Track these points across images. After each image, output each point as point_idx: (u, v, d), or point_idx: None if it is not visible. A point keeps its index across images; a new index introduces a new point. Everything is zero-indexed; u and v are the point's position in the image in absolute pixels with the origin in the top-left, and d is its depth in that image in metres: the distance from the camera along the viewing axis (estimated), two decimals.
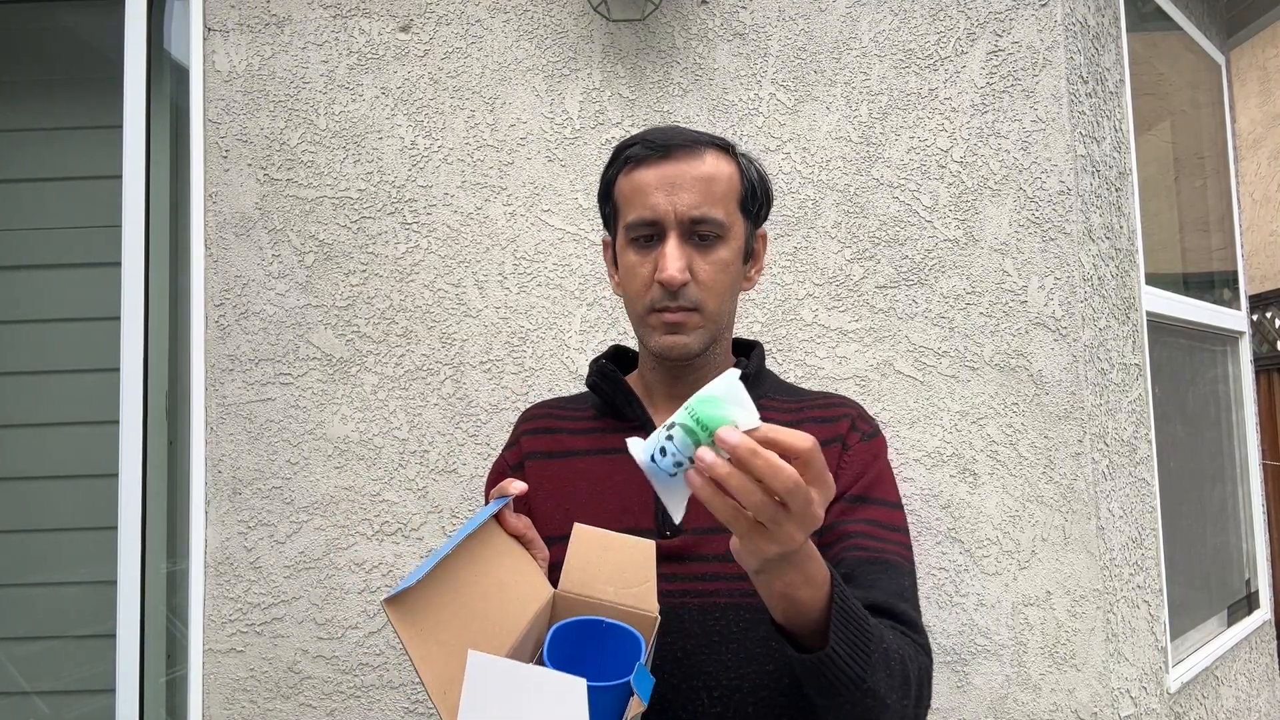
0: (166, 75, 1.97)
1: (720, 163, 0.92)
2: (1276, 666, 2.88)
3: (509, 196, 1.83)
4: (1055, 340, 1.75)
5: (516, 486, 0.81)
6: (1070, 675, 1.70)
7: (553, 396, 1.10)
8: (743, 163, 0.96)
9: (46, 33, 2.08)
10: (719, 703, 0.85)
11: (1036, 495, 1.73)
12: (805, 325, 1.78)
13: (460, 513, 1.77)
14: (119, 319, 1.85)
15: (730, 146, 0.95)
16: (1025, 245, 1.76)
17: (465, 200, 1.83)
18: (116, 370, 1.84)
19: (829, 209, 1.80)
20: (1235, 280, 2.96)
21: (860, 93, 1.81)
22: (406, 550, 1.77)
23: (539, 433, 1.02)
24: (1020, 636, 1.71)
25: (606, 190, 0.98)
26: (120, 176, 1.88)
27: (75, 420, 1.96)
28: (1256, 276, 5.52)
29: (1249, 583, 2.82)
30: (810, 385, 1.75)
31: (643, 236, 0.91)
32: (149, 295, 1.88)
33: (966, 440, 1.74)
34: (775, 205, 1.79)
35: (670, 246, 0.88)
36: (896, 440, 1.75)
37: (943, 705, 1.70)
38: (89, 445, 1.94)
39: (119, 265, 1.86)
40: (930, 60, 1.81)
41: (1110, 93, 2.05)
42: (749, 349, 1.05)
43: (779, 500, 0.59)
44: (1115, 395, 1.90)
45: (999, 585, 1.72)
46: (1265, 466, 3.09)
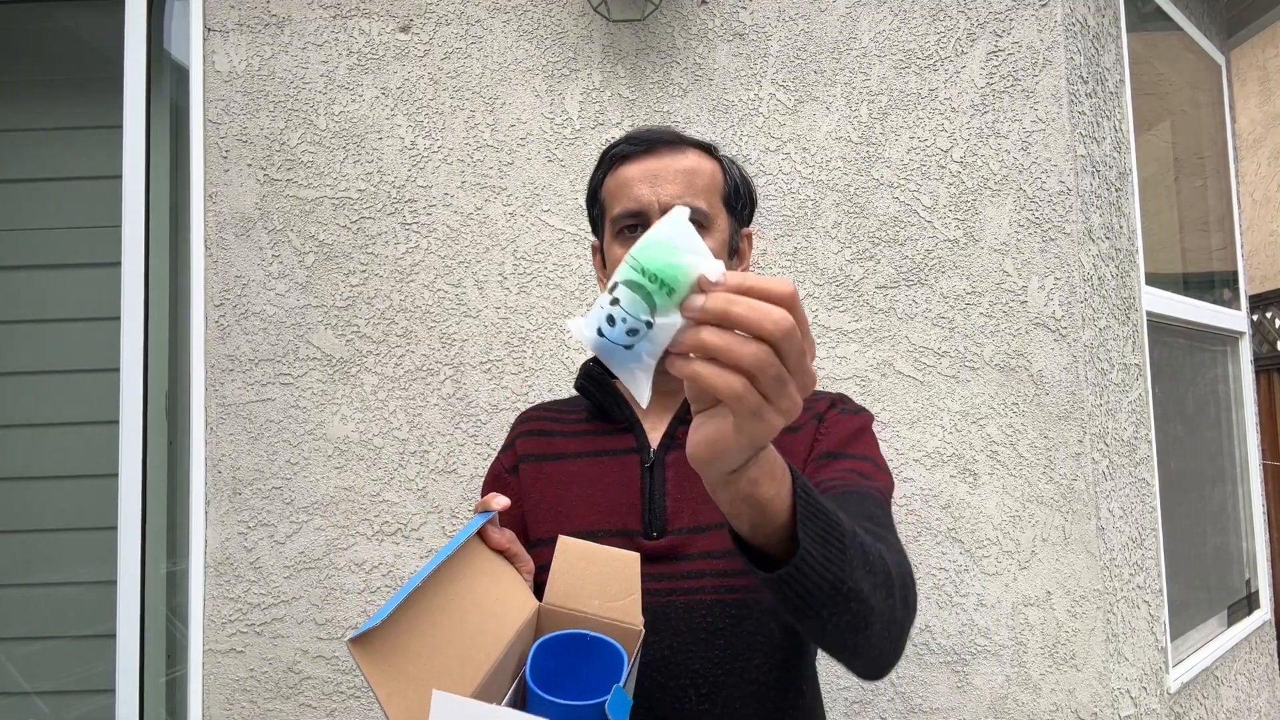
0: (166, 75, 1.97)
1: (703, 160, 0.95)
2: (1277, 667, 2.87)
3: (509, 197, 1.83)
4: (1055, 340, 1.74)
5: (499, 502, 0.80)
6: (1070, 675, 1.70)
7: (550, 399, 1.10)
8: (725, 162, 0.98)
9: (46, 33, 2.08)
10: (706, 700, 0.85)
11: (1036, 495, 1.73)
12: None
13: (460, 513, 1.77)
14: (119, 319, 1.85)
15: (713, 148, 0.98)
16: (1025, 245, 1.76)
17: (465, 200, 1.83)
18: (116, 370, 1.84)
19: (829, 209, 1.80)
20: (1235, 280, 2.96)
21: (860, 93, 1.81)
22: (406, 550, 1.77)
23: (533, 435, 1.03)
24: (1020, 637, 1.71)
25: (594, 193, 1.00)
26: (120, 177, 1.88)
27: (75, 420, 1.96)
28: (1256, 276, 5.52)
29: (1249, 583, 2.82)
30: None
31: (627, 227, 0.93)
32: (149, 295, 1.88)
33: (966, 440, 1.74)
34: (775, 205, 1.79)
35: None
36: (896, 440, 1.75)
37: (943, 705, 1.70)
38: (89, 445, 1.94)
39: (119, 265, 1.86)
40: (930, 60, 1.81)
41: (1110, 93, 2.04)
42: None
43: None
44: (1115, 395, 1.90)
45: (999, 585, 1.72)
46: (1265, 466, 3.08)
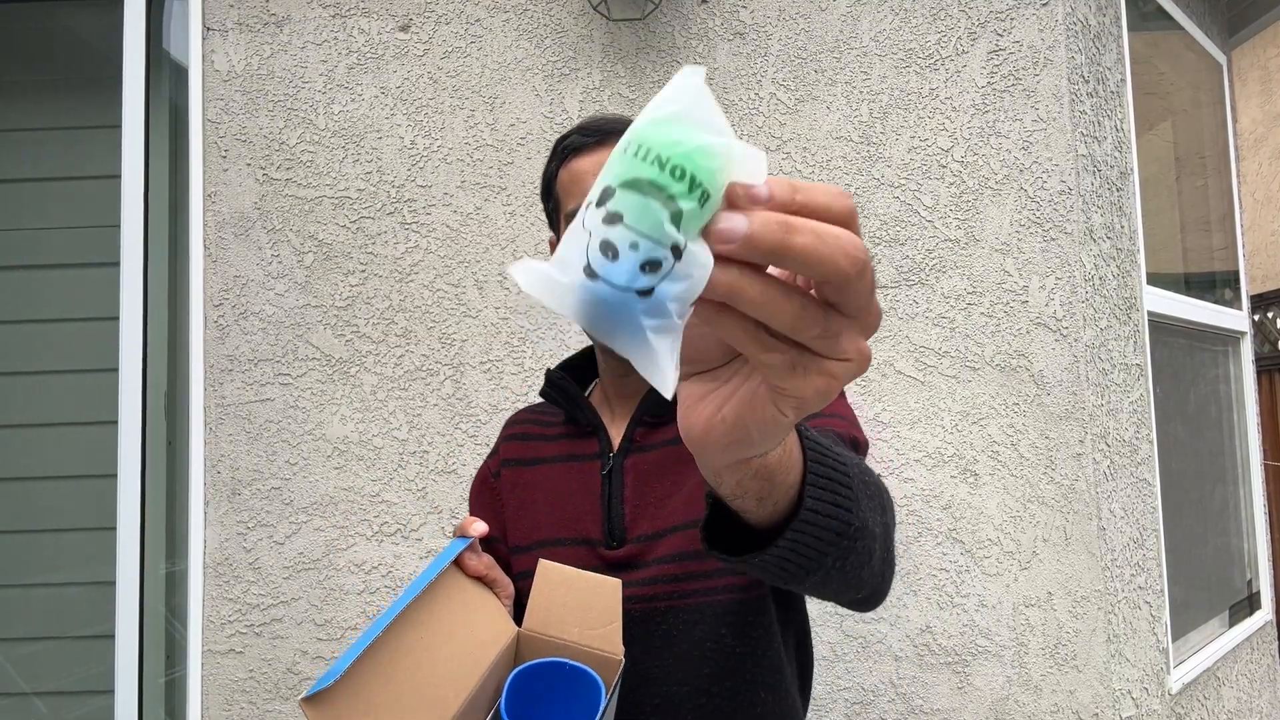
0: (165, 75, 1.96)
1: None
2: (1278, 667, 2.87)
3: (509, 196, 1.82)
4: (1056, 340, 1.74)
5: (478, 528, 0.78)
6: (1071, 676, 1.70)
7: (538, 401, 1.08)
8: None
9: (46, 33, 2.07)
10: (659, 711, 0.85)
11: (1037, 496, 1.72)
12: None
13: (460, 513, 1.77)
14: (118, 319, 1.85)
15: None
16: (1026, 245, 1.76)
17: (465, 200, 1.83)
18: (115, 370, 1.84)
19: None
20: (1236, 280, 2.96)
21: (861, 92, 1.81)
22: (406, 551, 1.77)
23: (516, 439, 1.01)
24: (1021, 637, 1.70)
25: (548, 186, 0.95)
26: (119, 176, 1.87)
27: (74, 420, 1.95)
28: (1258, 276, 5.52)
29: (1250, 583, 2.81)
30: None
31: None
32: (148, 295, 1.88)
33: (967, 441, 1.73)
34: None
35: None
36: (897, 440, 1.74)
37: (943, 706, 1.70)
38: (88, 445, 1.93)
39: (118, 265, 1.86)
40: (931, 60, 1.81)
41: (1111, 92, 2.04)
42: None
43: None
44: (1116, 395, 1.89)
45: (1000, 586, 1.71)
46: (1266, 467, 3.08)
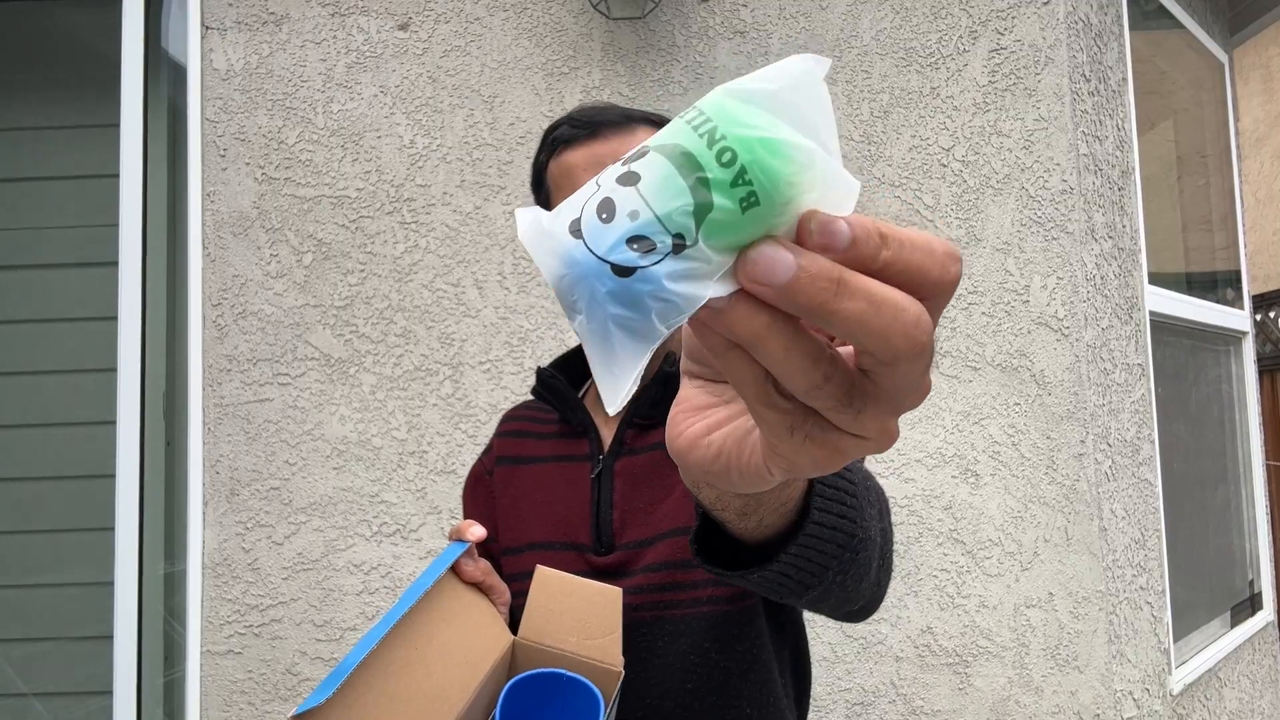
0: (164, 74, 1.96)
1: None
2: None
3: (508, 195, 1.82)
4: (1057, 340, 1.73)
5: (475, 532, 0.74)
6: (1073, 677, 1.69)
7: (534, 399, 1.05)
8: None
9: (45, 32, 2.07)
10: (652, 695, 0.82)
11: (1039, 496, 1.72)
12: None
13: (459, 514, 1.76)
14: (116, 319, 1.84)
15: (662, 124, 0.84)
16: (1027, 244, 1.75)
17: (464, 199, 1.82)
18: (114, 370, 1.84)
19: None
20: (1238, 280, 2.95)
21: (861, 91, 1.80)
22: (405, 551, 1.76)
23: (510, 436, 0.99)
24: (1022, 638, 1.70)
25: (538, 176, 0.91)
26: (118, 175, 1.87)
27: (72, 421, 1.95)
28: (1260, 276, 5.51)
29: (1252, 584, 2.81)
30: None
31: None
32: (146, 295, 1.87)
33: (968, 441, 1.73)
34: None
35: None
36: (898, 441, 1.74)
37: (944, 707, 1.69)
38: (86, 446, 1.93)
39: (116, 265, 1.85)
40: (932, 58, 1.80)
41: (1113, 91, 2.03)
42: None
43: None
44: (1118, 395, 1.89)
45: (1001, 586, 1.70)
46: (1269, 467, 3.07)
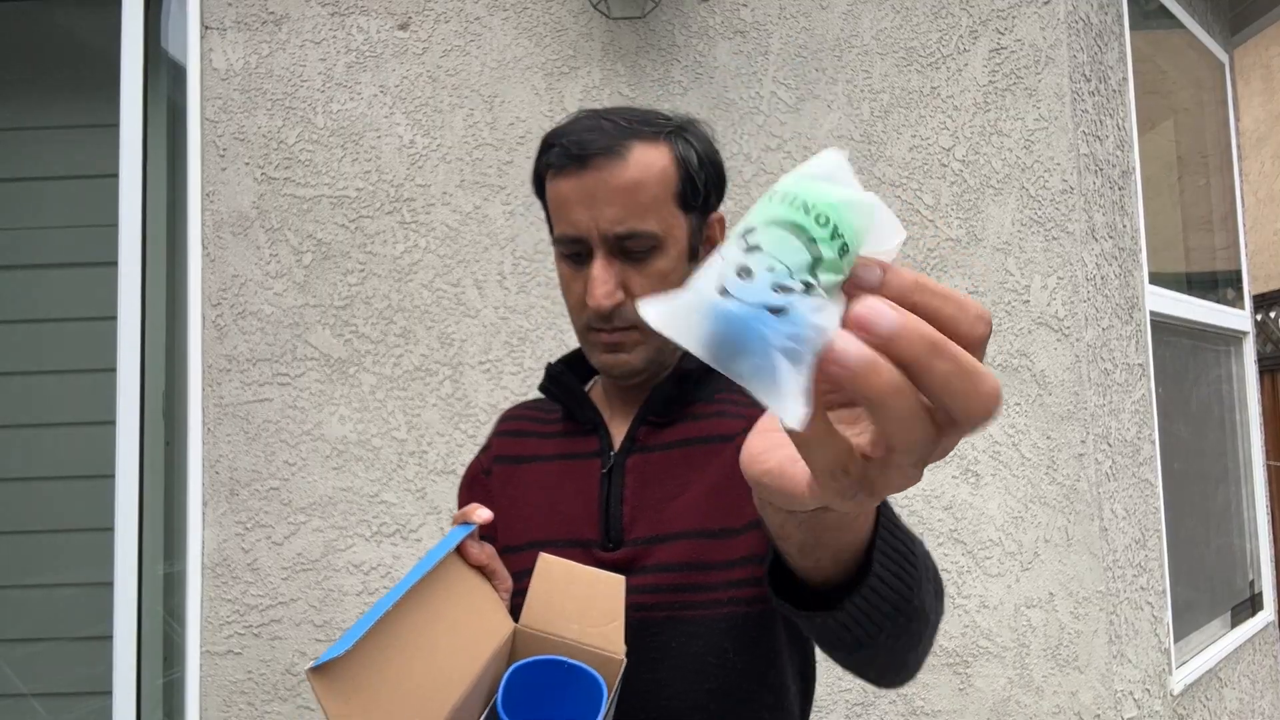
0: (164, 74, 1.96)
1: (649, 158, 0.80)
2: None
3: (508, 195, 1.82)
4: (1058, 340, 1.73)
5: (481, 515, 0.74)
6: (1073, 677, 1.69)
7: (534, 398, 1.04)
8: (679, 148, 0.82)
9: (44, 32, 2.07)
10: (665, 695, 0.80)
11: (1039, 496, 1.71)
12: None
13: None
14: (115, 319, 1.84)
15: (661, 131, 0.82)
16: (1028, 244, 1.75)
17: (464, 199, 1.82)
18: (113, 370, 1.83)
19: None
20: (1239, 279, 2.95)
21: (862, 91, 1.80)
22: (405, 551, 1.76)
23: (510, 435, 0.98)
24: (1023, 638, 1.69)
25: (539, 184, 0.89)
26: (117, 175, 1.87)
27: (71, 420, 1.95)
28: (1260, 276, 5.51)
29: (1253, 584, 2.81)
30: None
31: (572, 253, 0.83)
32: (146, 295, 1.87)
33: (968, 441, 1.73)
34: None
35: (597, 269, 0.81)
36: None
37: (945, 708, 1.69)
38: (85, 446, 1.93)
39: (115, 265, 1.85)
40: (932, 58, 1.80)
41: (1113, 91, 2.03)
42: None
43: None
44: (1118, 395, 1.89)
45: (1001, 587, 1.70)
46: (1269, 467, 3.07)
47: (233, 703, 1.75)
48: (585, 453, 0.91)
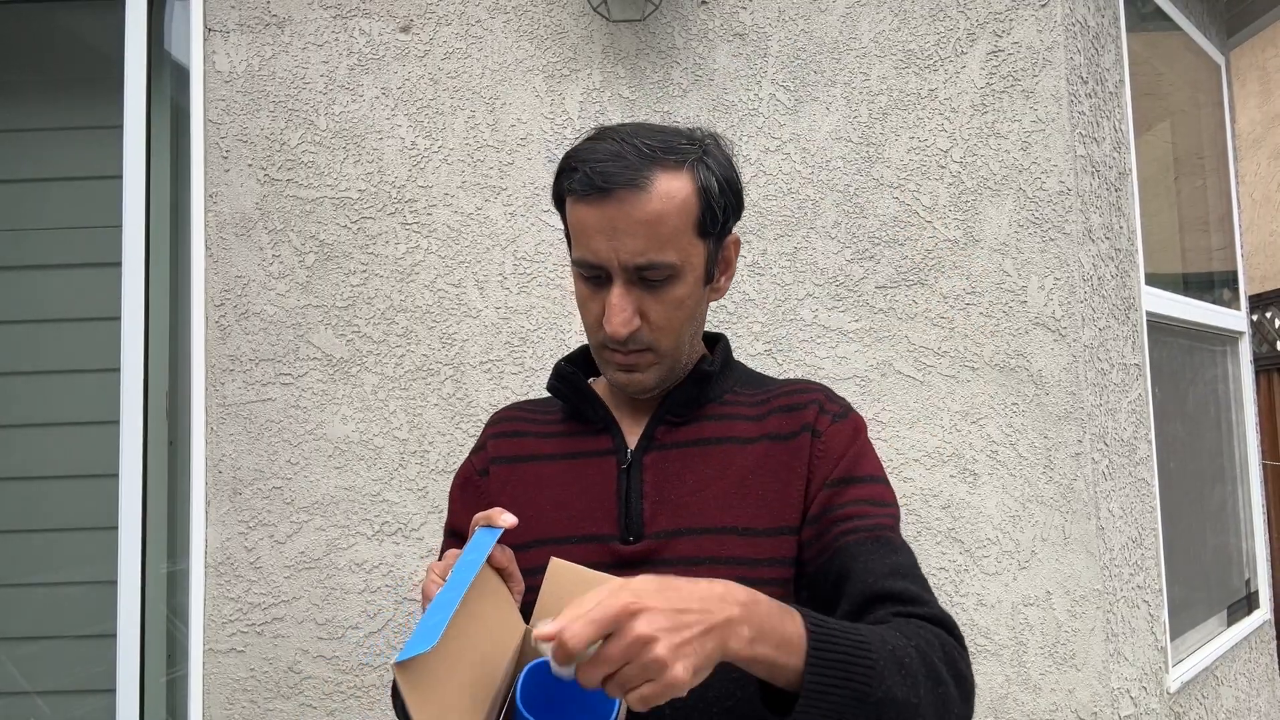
0: (167, 76, 1.97)
1: (671, 189, 0.81)
2: (1276, 666, 2.88)
3: (509, 197, 1.83)
4: (1055, 340, 1.75)
5: (506, 519, 0.76)
6: (1070, 675, 1.70)
7: (524, 399, 1.05)
8: (701, 176, 0.83)
9: (47, 33, 2.08)
10: (680, 713, 0.80)
11: (1036, 495, 1.73)
12: (805, 325, 1.78)
13: None
14: (119, 319, 1.85)
15: (682, 158, 0.82)
16: (1025, 245, 1.77)
17: (465, 200, 1.83)
18: (117, 370, 1.84)
19: (829, 209, 1.80)
20: (1235, 280, 2.97)
21: (860, 93, 1.82)
22: (407, 550, 1.77)
23: (505, 436, 0.99)
24: (1020, 636, 1.71)
25: (559, 201, 0.89)
26: (120, 177, 1.88)
27: (75, 420, 1.96)
28: (1256, 276, 5.52)
29: (1249, 583, 2.82)
30: None
31: (591, 276, 0.85)
32: (149, 295, 1.88)
33: (966, 440, 1.74)
34: (775, 205, 1.79)
35: (615, 296, 0.83)
36: (896, 440, 1.75)
37: None
38: (89, 445, 1.94)
39: (119, 265, 1.86)
40: (930, 60, 1.81)
41: (1110, 93, 2.05)
42: (714, 341, 1.00)
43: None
44: (1115, 395, 1.90)
45: (999, 585, 1.72)
46: (1265, 466, 3.09)
47: (235, 701, 1.76)
48: (596, 451, 0.92)
